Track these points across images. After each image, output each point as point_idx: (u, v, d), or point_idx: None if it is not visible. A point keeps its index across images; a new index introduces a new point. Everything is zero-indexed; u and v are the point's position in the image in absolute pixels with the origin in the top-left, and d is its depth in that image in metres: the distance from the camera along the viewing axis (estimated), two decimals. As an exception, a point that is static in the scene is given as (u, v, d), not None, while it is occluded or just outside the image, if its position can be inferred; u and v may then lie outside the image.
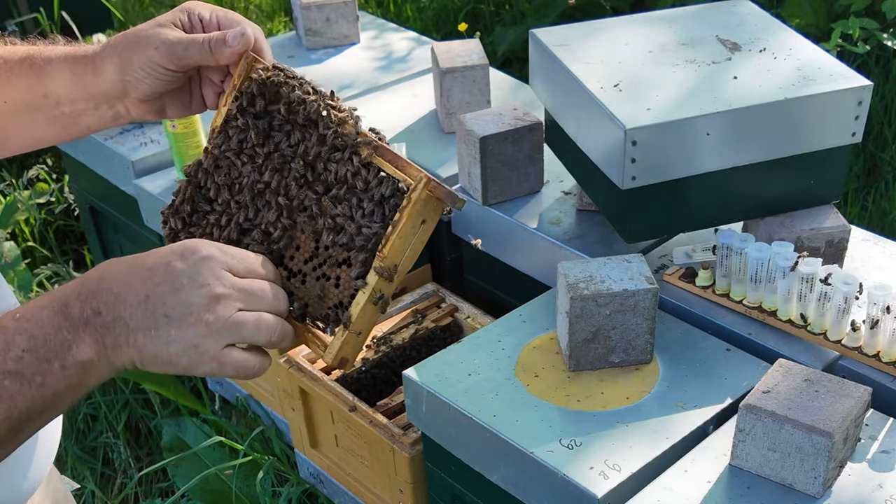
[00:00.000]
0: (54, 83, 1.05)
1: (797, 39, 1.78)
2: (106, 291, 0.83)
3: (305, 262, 1.03)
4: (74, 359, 0.81)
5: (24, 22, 3.99)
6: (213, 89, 1.10)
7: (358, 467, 1.97)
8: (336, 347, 0.99)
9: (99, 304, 0.82)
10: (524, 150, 1.95)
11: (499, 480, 1.53)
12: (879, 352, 1.51)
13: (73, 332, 0.81)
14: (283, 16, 4.77)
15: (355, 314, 0.99)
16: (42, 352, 0.80)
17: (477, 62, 2.24)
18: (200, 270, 0.84)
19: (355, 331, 0.99)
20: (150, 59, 1.01)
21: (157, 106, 1.08)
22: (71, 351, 0.81)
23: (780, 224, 1.70)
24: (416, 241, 1.01)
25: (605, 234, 1.87)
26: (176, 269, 0.84)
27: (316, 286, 1.02)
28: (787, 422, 1.26)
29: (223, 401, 2.53)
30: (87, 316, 0.82)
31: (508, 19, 4.10)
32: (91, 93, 1.05)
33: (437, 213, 1.01)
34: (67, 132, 1.09)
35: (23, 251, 3.08)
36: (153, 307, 0.83)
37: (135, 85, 1.03)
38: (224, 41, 1.02)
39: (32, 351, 0.80)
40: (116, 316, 0.82)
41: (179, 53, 1.01)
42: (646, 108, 1.59)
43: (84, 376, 0.82)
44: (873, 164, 3.21)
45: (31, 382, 0.79)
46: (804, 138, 1.65)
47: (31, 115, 1.06)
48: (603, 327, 1.54)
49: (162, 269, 0.84)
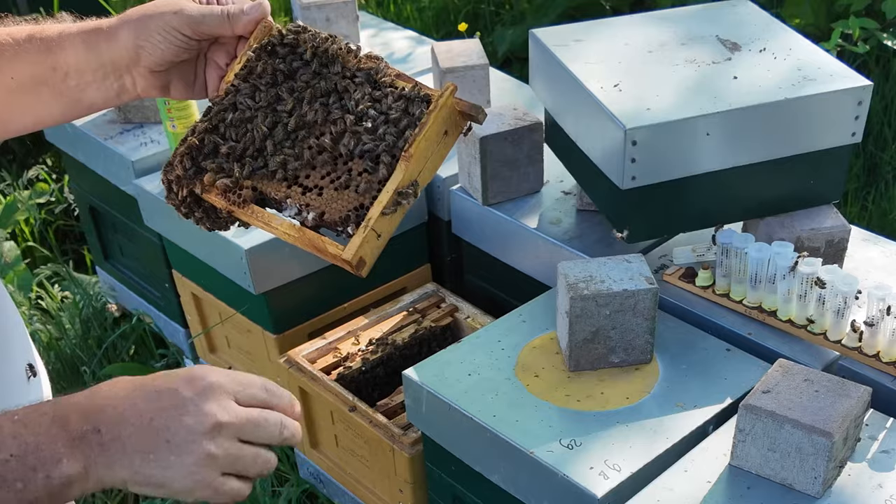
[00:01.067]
0: (65, 54, 1.06)
1: (797, 39, 1.78)
2: (110, 409, 0.83)
3: (322, 178, 1.05)
4: (61, 472, 0.80)
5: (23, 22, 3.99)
6: (217, 73, 1.13)
7: (358, 467, 1.98)
8: (357, 244, 1.00)
9: (99, 422, 0.82)
10: (524, 150, 1.95)
11: (499, 480, 1.53)
12: (879, 352, 1.51)
13: (66, 447, 0.81)
14: (283, 16, 4.77)
15: (377, 212, 1.00)
16: (30, 460, 0.79)
17: (477, 62, 2.24)
18: (207, 398, 0.85)
19: (377, 230, 1.00)
20: (167, 24, 1.04)
21: (164, 80, 1.09)
22: (60, 464, 0.80)
23: (780, 224, 1.70)
24: (437, 153, 1.05)
25: (605, 234, 1.87)
26: (183, 395, 0.84)
27: (334, 195, 1.04)
28: (787, 422, 1.26)
29: (223, 401, 2.52)
30: (84, 431, 0.81)
31: (508, 19, 4.10)
32: (101, 61, 1.06)
33: (457, 129, 1.05)
34: (71, 110, 1.10)
35: (23, 251, 3.08)
36: (155, 431, 0.83)
37: (149, 51, 1.05)
38: (242, 11, 1.08)
39: (20, 458, 0.79)
40: (114, 437, 0.82)
41: (197, 19, 1.05)
42: (646, 108, 1.59)
43: (67, 489, 0.81)
44: (873, 164, 3.21)
45: (12, 487, 0.79)
46: (804, 138, 1.65)
47: (36, 90, 1.07)
48: (603, 327, 1.54)
49: (169, 395, 0.84)
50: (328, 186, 1.05)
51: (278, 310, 2.11)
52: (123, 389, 0.84)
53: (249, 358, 2.30)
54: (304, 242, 1.03)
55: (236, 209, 1.06)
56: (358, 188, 1.03)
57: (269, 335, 2.15)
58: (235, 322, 2.25)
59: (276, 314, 2.12)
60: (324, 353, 2.00)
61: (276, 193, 1.06)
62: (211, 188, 1.07)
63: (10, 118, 1.09)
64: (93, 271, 3.01)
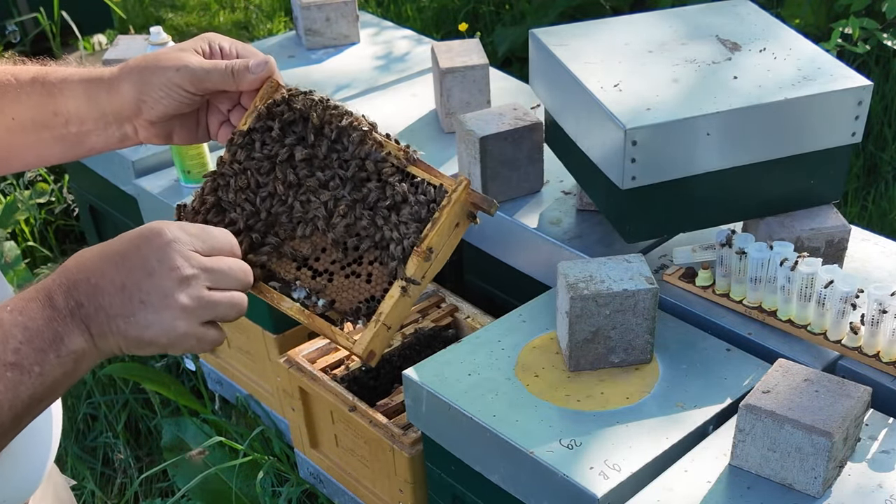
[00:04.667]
0: (66, 101, 1.06)
1: (797, 39, 1.78)
2: (84, 282, 0.86)
3: (332, 263, 1.05)
4: (67, 348, 0.84)
5: (24, 22, 3.99)
6: (219, 118, 1.12)
7: (358, 467, 1.98)
8: (367, 338, 1.01)
9: (80, 296, 0.85)
10: (524, 150, 1.95)
11: (499, 480, 1.53)
12: (879, 352, 1.51)
13: (62, 324, 0.84)
14: (283, 16, 4.78)
15: (388, 307, 1.01)
16: (37, 343, 0.83)
17: (477, 62, 2.24)
18: (168, 254, 0.87)
19: (387, 324, 1.01)
20: (170, 81, 1.03)
21: (166, 130, 1.09)
22: (63, 341, 0.84)
23: (780, 224, 1.70)
24: (448, 245, 1.04)
25: (605, 234, 1.87)
26: (145, 255, 0.87)
27: (344, 283, 1.04)
28: (787, 422, 1.26)
29: (223, 401, 2.53)
30: (71, 307, 0.85)
31: (508, 19, 4.10)
32: (102, 111, 1.06)
33: (468, 220, 1.05)
34: (72, 152, 1.10)
35: (23, 251, 3.08)
36: (129, 294, 0.86)
37: (150, 105, 1.05)
38: (247, 68, 1.06)
39: (29, 342, 0.82)
40: (97, 306, 0.85)
41: (201, 76, 1.04)
42: (646, 108, 1.59)
43: (77, 364, 0.85)
44: (873, 164, 3.21)
45: (31, 372, 0.82)
46: (804, 138, 1.65)
47: (37, 133, 1.08)
48: (603, 327, 1.54)
49: (133, 256, 0.87)
50: (338, 273, 1.05)
51: (278, 310, 2.11)
52: (90, 261, 0.87)
53: (249, 358, 2.30)
54: (314, 328, 1.04)
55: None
56: (370, 278, 1.03)
57: (269, 335, 2.15)
58: (235, 322, 2.25)
59: (277, 314, 2.10)
60: (324, 353, 2.00)
61: (285, 273, 1.06)
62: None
63: (10, 156, 1.10)
64: (93, 271, 3.00)
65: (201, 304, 0.88)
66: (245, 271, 0.93)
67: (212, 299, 0.89)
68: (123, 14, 4.40)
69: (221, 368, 2.43)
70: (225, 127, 1.12)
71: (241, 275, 0.92)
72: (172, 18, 4.91)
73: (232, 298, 0.91)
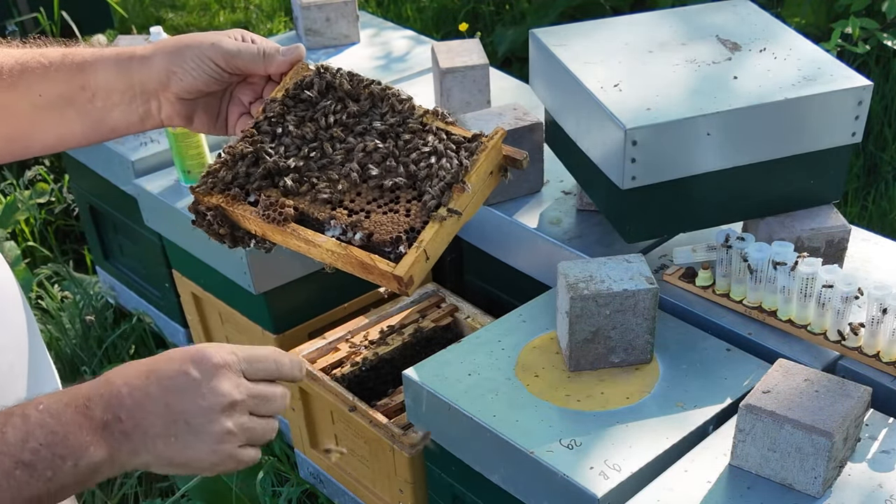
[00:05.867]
0: (96, 75, 1.07)
1: (797, 39, 1.78)
2: (127, 397, 0.84)
3: (368, 203, 1.06)
4: (89, 460, 0.82)
5: (24, 22, 3.99)
6: (239, 110, 1.14)
7: (358, 467, 1.98)
8: (409, 262, 1.01)
9: (120, 411, 0.84)
10: (524, 151, 1.94)
11: (499, 480, 1.53)
12: (879, 352, 1.51)
13: (91, 435, 0.83)
14: (283, 15, 4.77)
15: (429, 235, 1.02)
16: (59, 449, 0.81)
17: (477, 62, 2.24)
18: (219, 378, 0.87)
19: (427, 252, 1.02)
20: (203, 53, 1.06)
21: (189, 110, 1.10)
22: (87, 452, 0.82)
23: (780, 224, 1.70)
24: (481, 192, 1.07)
25: (605, 234, 1.87)
26: (194, 377, 0.86)
27: (382, 219, 1.05)
28: (787, 422, 1.26)
29: (223, 401, 2.52)
30: (107, 420, 0.83)
31: (508, 19, 4.10)
32: (131, 83, 1.07)
33: (499, 171, 1.09)
34: (93, 130, 1.11)
35: (23, 251, 3.08)
36: (174, 416, 0.85)
37: (180, 76, 1.06)
38: (278, 51, 1.10)
39: (50, 446, 0.81)
40: (136, 424, 0.84)
41: (233, 53, 1.07)
42: (646, 108, 1.59)
43: (93, 475, 0.84)
44: (873, 164, 3.21)
45: (42, 476, 0.81)
46: (804, 138, 1.65)
47: (62, 109, 1.08)
48: (603, 327, 1.54)
49: (181, 379, 0.86)
50: (376, 211, 1.06)
51: (278, 310, 2.11)
52: (136, 378, 0.86)
53: (249, 358, 2.30)
54: (349, 260, 1.03)
55: (274, 227, 1.05)
56: (408, 213, 1.04)
57: (269, 335, 2.15)
58: (235, 322, 2.25)
59: (276, 314, 2.12)
60: (324, 353, 2.00)
61: (319, 214, 1.06)
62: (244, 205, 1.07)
63: (32, 135, 1.10)
64: (93, 271, 3.01)
65: (243, 430, 0.88)
66: (285, 398, 0.94)
67: (252, 426, 0.89)
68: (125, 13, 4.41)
69: (221, 368, 2.43)
70: (244, 119, 1.13)
71: (282, 402, 0.93)
72: (172, 18, 4.91)
73: (268, 423, 0.92)
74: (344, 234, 1.04)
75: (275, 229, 1.05)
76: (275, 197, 1.06)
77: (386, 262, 1.01)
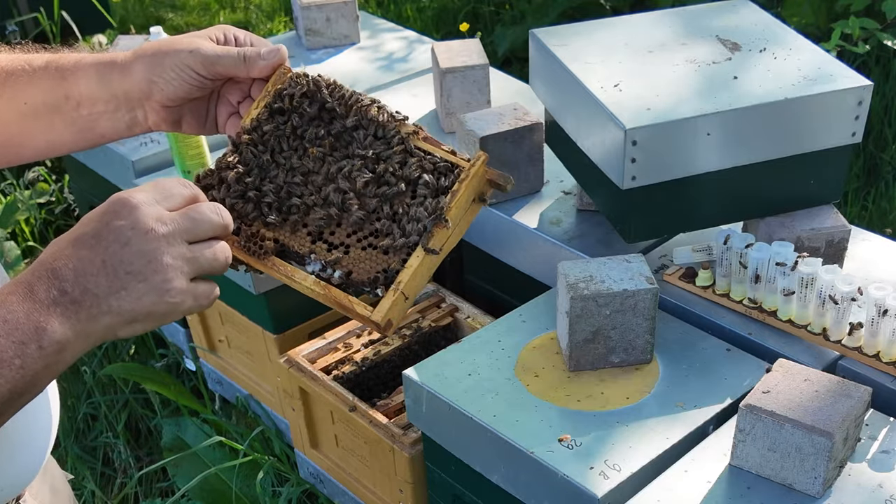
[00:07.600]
0: (77, 84, 1.07)
1: (797, 39, 1.78)
2: (63, 269, 0.85)
3: (348, 237, 1.06)
4: (50, 339, 0.83)
5: (24, 22, 3.99)
6: (228, 110, 1.13)
7: (358, 467, 1.98)
8: (386, 306, 1.00)
9: (63, 283, 0.84)
10: (524, 150, 1.95)
11: (499, 480, 1.53)
12: (879, 352, 1.51)
13: (43, 314, 0.83)
14: (283, 15, 4.78)
15: (407, 276, 1.01)
16: (17, 335, 0.81)
17: (477, 62, 2.24)
18: (139, 218, 0.86)
19: (405, 293, 1.01)
20: (182, 62, 1.05)
21: (176, 115, 1.10)
22: (46, 332, 0.82)
23: (780, 224, 1.70)
24: (465, 220, 1.05)
25: (605, 234, 1.87)
26: (117, 226, 0.86)
27: (361, 255, 1.04)
28: (788, 422, 1.26)
29: (223, 401, 2.53)
30: (53, 297, 0.84)
31: (508, 19, 4.10)
32: (114, 93, 1.07)
33: (483, 198, 1.07)
34: (83, 138, 1.10)
35: (23, 251, 3.08)
36: (113, 269, 0.85)
37: (161, 87, 1.05)
38: (259, 55, 1.08)
39: (8, 335, 0.81)
40: (83, 289, 0.84)
41: (213, 60, 1.05)
42: (646, 108, 1.59)
43: (60, 354, 0.84)
44: (873, 164, 3.21)
45: (11, 365, 0.81)
46: (804, 138, 1.65)
47: (49, 117, 1.08)
48: (603, 327, 1.54)
49: (105, 231, 0.86)
50: (355, 245, 1.05)
51: (278, 310, 2.11)
52: (66, 248, 0.86)
53: (249, 358, 2.30)
54: (329, 300, 1.03)
55: (254, 260, 1.05)
56: (387, 250, 1.03)
57: (269, 335, 2.15)
58: (235, 322, 2.25)
59: (276, 314, 2.12)
60: (324, 353, 2.00)
61: (299, 248, 1.06)
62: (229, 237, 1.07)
63: (22, 142, 1.10)
64: (93, 271, 3.00)
65: (186, 259, 0.87)
66: (216, 210, 0.92)
67: (193, 253, 0.88)
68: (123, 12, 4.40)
69: (221, 368, 2.43)
70: (233, 119, 1.13)
71: (213, 216, 0.91)
72: (172, 18, 4.91)
73: (211, 247, 0.90)
74: (324, 269, 1.04)
75: (257, 261, 1.05)
76: (256, 228, 1.06)
77: (363, 305, 1.01)
